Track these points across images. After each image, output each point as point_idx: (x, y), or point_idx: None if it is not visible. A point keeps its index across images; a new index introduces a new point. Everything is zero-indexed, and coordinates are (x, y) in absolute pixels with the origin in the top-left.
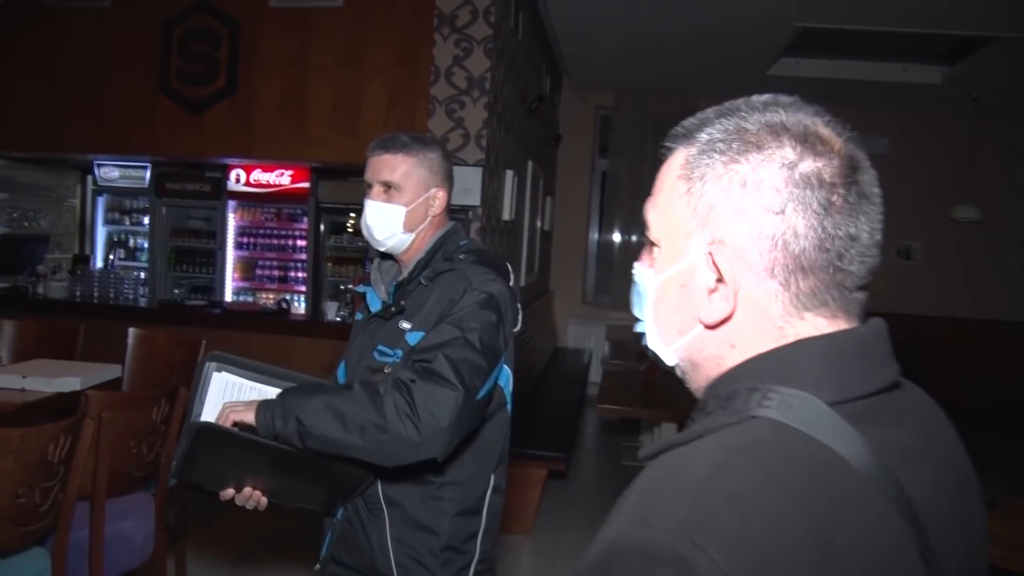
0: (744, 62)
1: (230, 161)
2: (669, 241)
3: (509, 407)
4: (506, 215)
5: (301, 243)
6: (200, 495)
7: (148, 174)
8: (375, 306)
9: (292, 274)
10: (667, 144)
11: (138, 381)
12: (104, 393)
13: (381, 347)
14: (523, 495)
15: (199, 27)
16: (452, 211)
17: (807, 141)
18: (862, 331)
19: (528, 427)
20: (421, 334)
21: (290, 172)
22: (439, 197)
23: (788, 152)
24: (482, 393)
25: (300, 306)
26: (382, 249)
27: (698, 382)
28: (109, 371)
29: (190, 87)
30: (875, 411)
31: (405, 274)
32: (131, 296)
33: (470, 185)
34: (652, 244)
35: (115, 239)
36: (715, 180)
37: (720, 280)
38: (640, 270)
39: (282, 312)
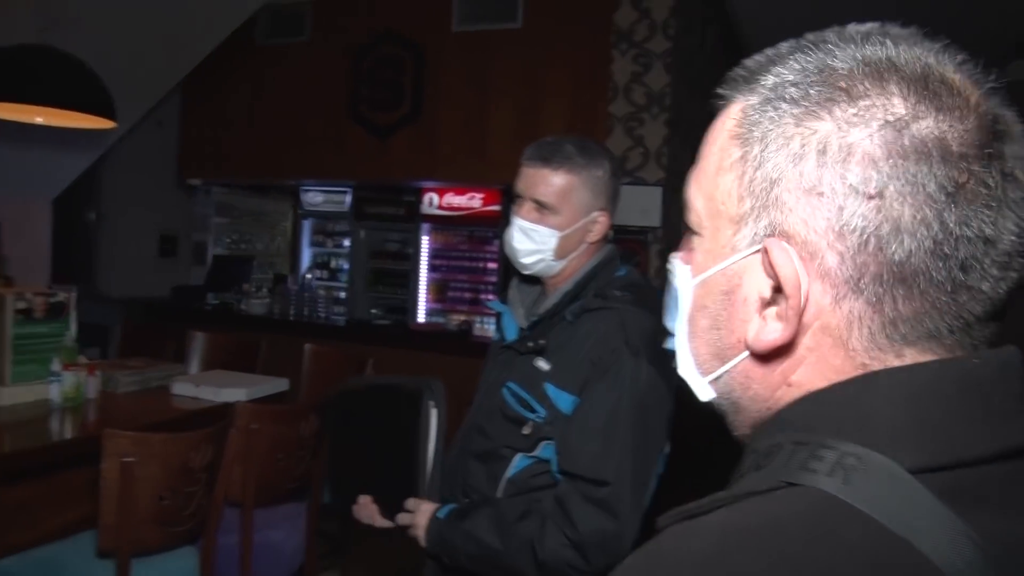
0: None
1: (421, 184)
2: (713, 228)
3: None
4: None
5: (492, 265)
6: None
7: (348, 199)
8: (510, 333)
9: (483, 296)
10: (722, 92)
11: (307, 395)
12: (254, 405)
13: (513, 386)
14: None
15: (385, 55)
16: (631, 232)
17: (927, 89)
18: (976, 364)
19: (705, 455)
20: (571, 399)
21: (481, 195)
22: (600, 222)
23: (896, 105)
24: (647, 502)
25: (490, 328)
26: (525, 272)
27: (741, 428)
28: (277, 384)
29: (377, 113)
30: (988, 487)
31: (549, 305)
32: (323, 314)
33: (648, 206)
34: (692, 232)
35: (318, 260)
36: (781, 143)
37: (778, 290)
38: (675, 265)
39: (463, 334)
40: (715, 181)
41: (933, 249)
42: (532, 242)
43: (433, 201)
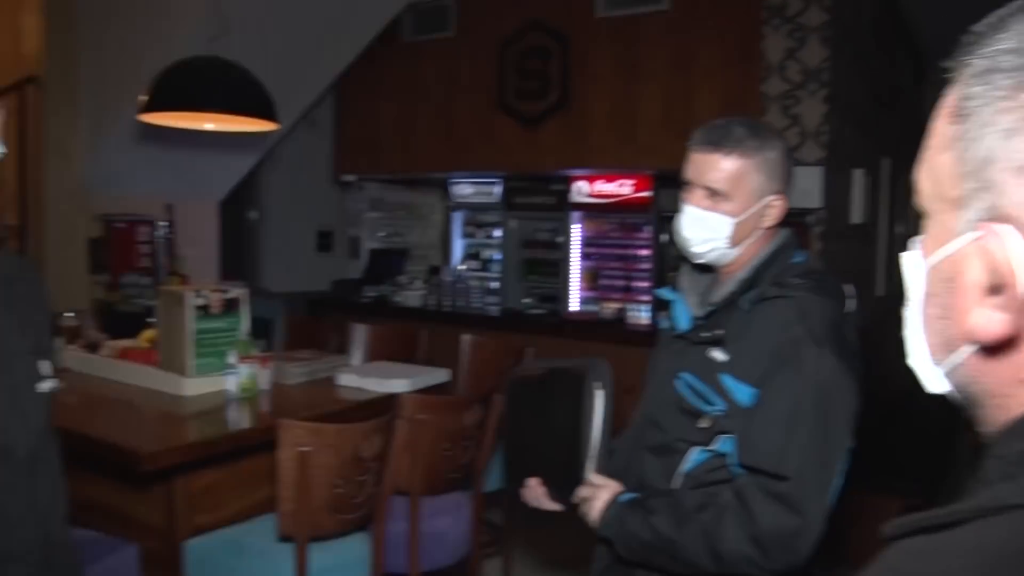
0: None
1: (571, 173)
2: (937, 211)
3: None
4: (855, 218)
5: (644, 252)
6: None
7: (498, 190)
8: (682, 322)
9: (636, 284)
10: (950, 62)
11: (467, 386)
12: (419, 396)
13: (688, 377)
14: (871, 532)
15: (532, 45)
16: (790, 215)
17: None
18: None
19: (884, 452)
20: (750, 391)
21: (632, 182)
22: (776, 206)
23: None
24: (831, 500)
25: (643, 316)
26: (698, 261)
27: (984, 424)
28: (438, 375)
29: (525, 103)
30: None
31: (724, 293)
32: (477, 304)
33: (808, 186)
34: (922, 215)
35: (470, 251)
36: (993, 119)
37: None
38: (909, 250)
39: (618, 321)
40: (936, 161)
41: None
42: (705, 230)
43: (583, 189)
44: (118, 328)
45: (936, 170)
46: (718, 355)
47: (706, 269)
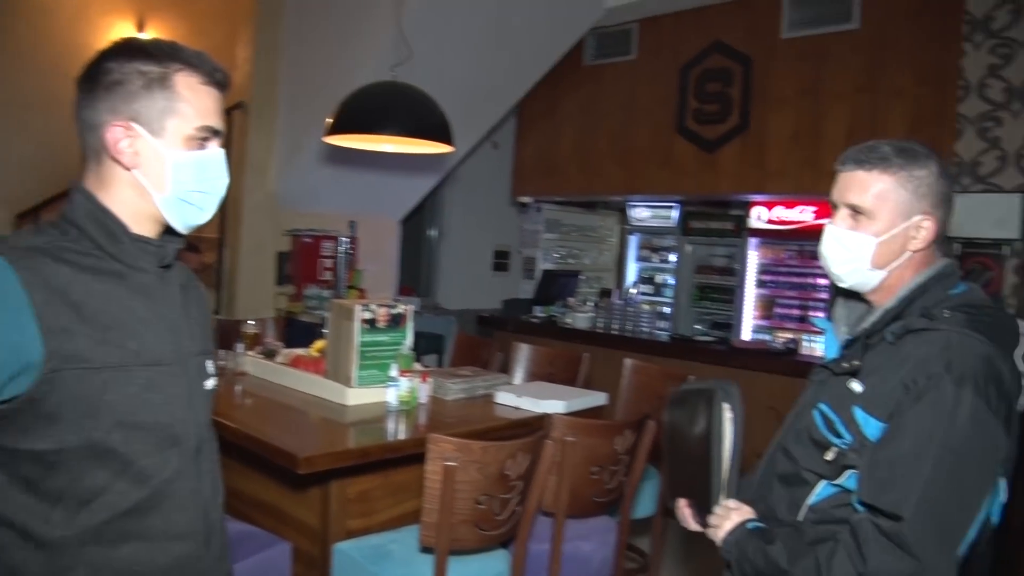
0: None
1: (750, 198)
2: None
3: (994, 518)
4: None
5: (822, 281)
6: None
7: (675, 214)
8: (831, 352)
9: (812, 314)
10: None
11: (624, 410)
12: (571, 418)
13: (824, 407)
14: None
15: (713, 68)
16: (982, 245)
17: None
18: None
19: None
20: (879, 425)
21: (812, 208)
22: (925, 227)
23: None
24: (962, 550)
25: (818, 347)
26: (841, 285)
27: None
28: (596, 398)
29: (705, 126)
30: None
31: (869, 323)
32: (647, 329)
33: (1006, 215)
34: None
35: (643, 275)
36: None
37: None
38: None
39: (789, 352)
40: None
41: None
42: (845, 250)
43: (762, 215)
44: (297, 337)
45: None
46: (855, 386)
47: (861, 298)
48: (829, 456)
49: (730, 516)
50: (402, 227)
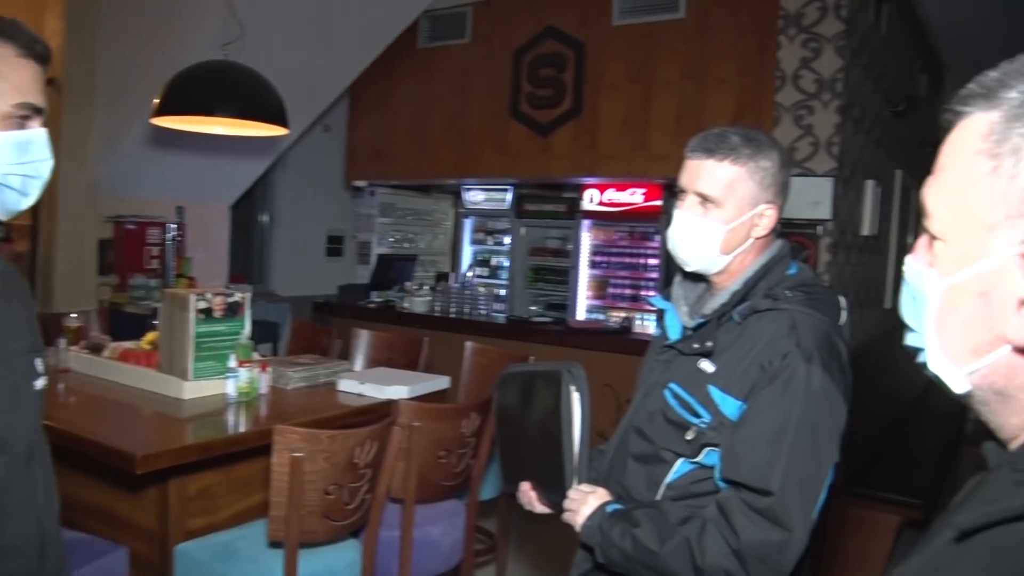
0: None
1: (583, 181)
2: (961, 236)
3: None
4: (866, 230)
5: (653, 261)
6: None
7: (509, 197)
8: (674, 332)
9: (644, 293)
10: (956, 108)
11: (467, 393)
12: (416, 404)
13: (676, 387)
14: (869, 544)
15: (547, 53)
16: (799, 226)
17: None
18: None
19: (885, 466)
20: (737, 404)
21: (643, 191)
22: (768, 215)
23: None
24: (817, 513)
25: (650, 326)
26: (688, 269)
27: (1009, 418)
28: (438, 382)
29: (538, 110)
30: None
31: (716, 304)
32: (484, 312)
33: (819, 197)
34: (933, 238)
35: (479, 258)
36: None
37: None
38: (915, 268)
39: (623, 331)
40: (963, 192)
41: None
42: (695, 237)
43: (594, 197)
44: (124, 330)
45: (962, 199)
46: (707, 366)
47: (699, 278)
48: (689, 436)
49: (587, 500)
50: (232, 212)
